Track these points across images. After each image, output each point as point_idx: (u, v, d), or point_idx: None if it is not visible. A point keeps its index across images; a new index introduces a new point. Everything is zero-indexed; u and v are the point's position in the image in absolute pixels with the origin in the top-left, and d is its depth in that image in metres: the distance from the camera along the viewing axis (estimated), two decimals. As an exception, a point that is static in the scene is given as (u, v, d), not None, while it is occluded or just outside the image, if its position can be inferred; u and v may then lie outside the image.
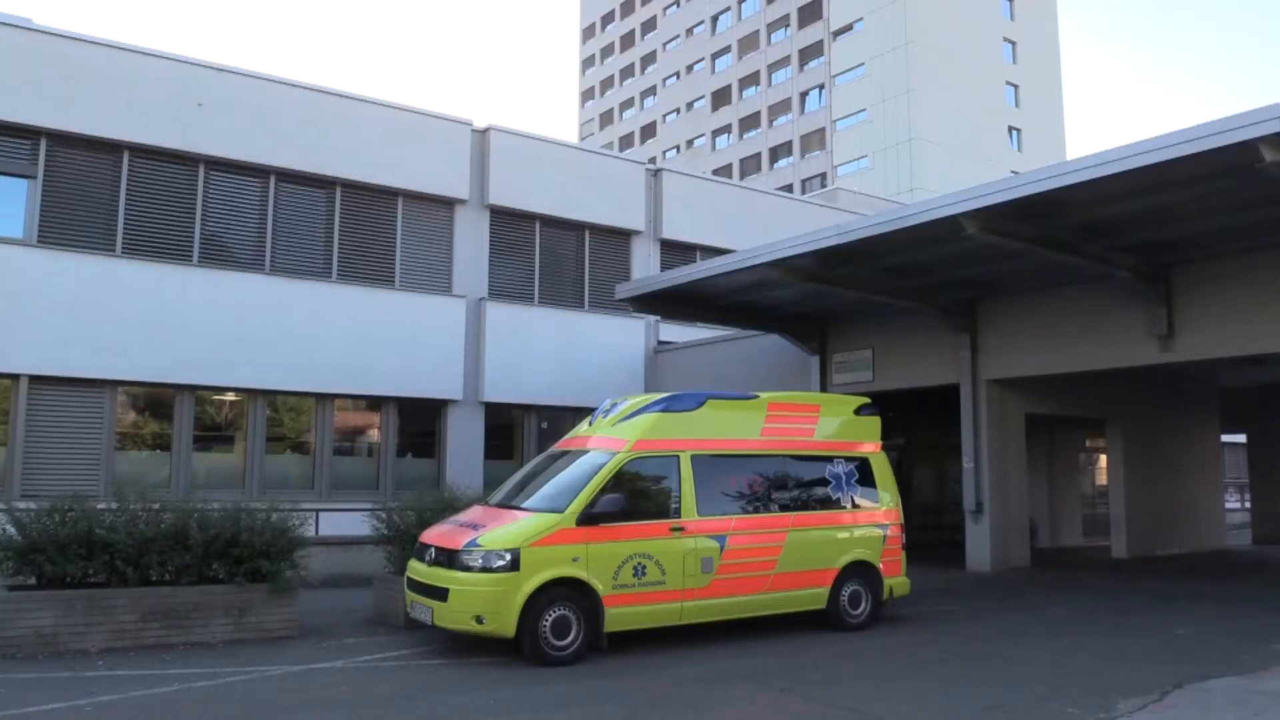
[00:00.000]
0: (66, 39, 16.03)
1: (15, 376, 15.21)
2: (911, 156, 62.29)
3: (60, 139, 15.92)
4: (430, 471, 18.89)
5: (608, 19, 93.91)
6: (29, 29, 15.90)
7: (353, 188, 18.56)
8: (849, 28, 68.19)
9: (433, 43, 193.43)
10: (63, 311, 15.45)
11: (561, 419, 19.56)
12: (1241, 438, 28.04)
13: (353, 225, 18.60)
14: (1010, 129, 67.57)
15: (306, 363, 17.45)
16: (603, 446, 10.05)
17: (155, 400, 16.77)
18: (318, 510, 16.13)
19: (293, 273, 17.81)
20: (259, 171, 17.63)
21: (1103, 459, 22.84)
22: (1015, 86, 68.39)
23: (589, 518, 9.15)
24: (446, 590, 8.93)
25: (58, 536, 9.12)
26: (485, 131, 20.14)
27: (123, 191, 16.38)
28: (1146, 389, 19.58)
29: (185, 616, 9.54)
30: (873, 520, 11.24)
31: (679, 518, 9.75)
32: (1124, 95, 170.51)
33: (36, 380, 15.36)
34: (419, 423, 19.25)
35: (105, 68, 16.18)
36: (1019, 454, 17.26)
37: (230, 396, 17.40)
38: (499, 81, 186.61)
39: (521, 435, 20.37)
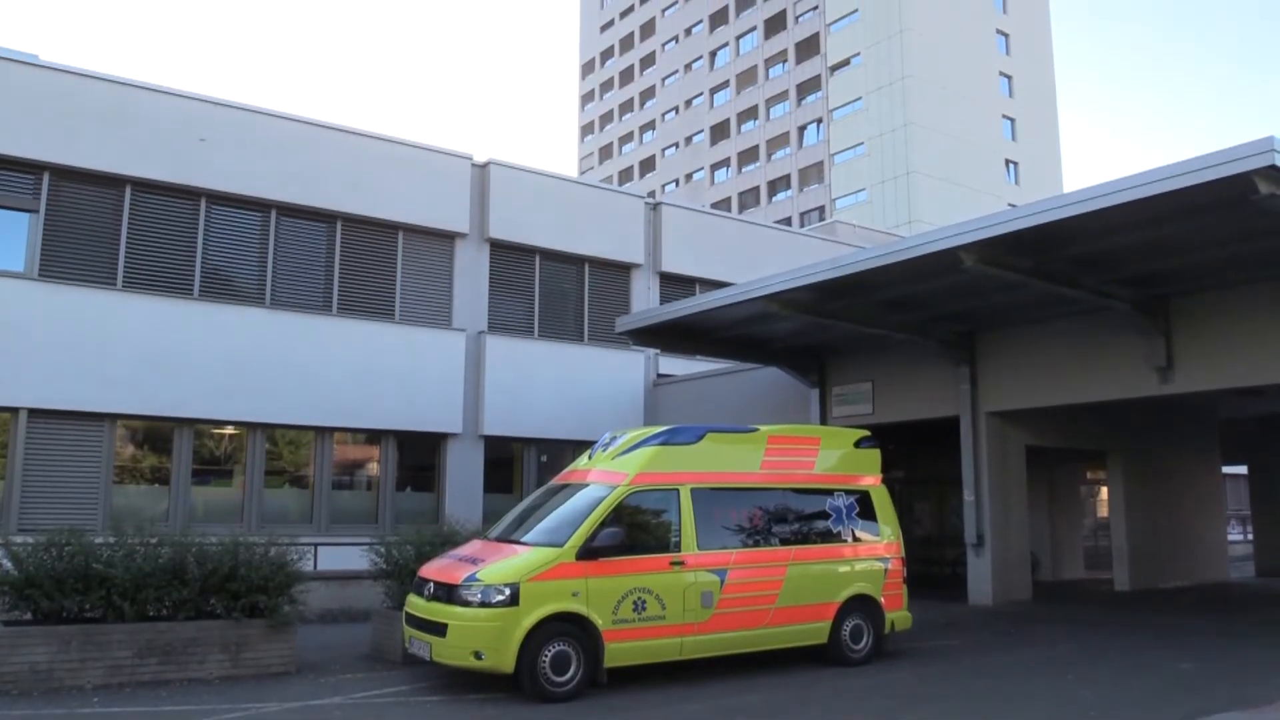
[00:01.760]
0: (71, 75, 16.17)
1: (14, 410, 15.20)
2: (909, 189, 62.62)
3: (63, 173, 16.01)
4: (429, 505, 18.82)
5: (607, 54, 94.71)
6: (35, 65, 16.04)
7: (353, 222, 18.64)
8: (846, 62, 68.77)
9: (434, 79, 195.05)
10: (63, 345, 15.46)
11: (561, 452, 19.52)
12: (1243, 469, 27.98)
13: (353, 259, 18.66)
14: (1007, 162, 67.99)
15: (306, 396, 17.44)
16: (602, 480, 10.02)
17: (154, 434, 16.75)
18: (316, 544, 16.04)
19: (293, 306, 17.85)
20: (260, 205, 17.71)
21: (1104, 491, 22.77)
22: (1012, 120, 68.89)
23: (589, 552, 9.11)
24: (445, 625, 8.87)
25: (54, 571, 9.08)
26: (485, 166, 20.25)
27: (124, 225, 16.45)
28: (1147, 421, 19.55)
29: (182, 652, 9.47)
30: (874, 553, 11.19)
31: (679, 552, 9.71)
32: (1119, 128, 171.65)
33: (35, 413, 15.34)
34: (418, 456, 19.21)
35: (109, 103, 16.30)
36: (1020, 486, 17.21)
37: (229, 430, 17.38)
38: (499, 117, 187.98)
39: (521, 469, 20.32)
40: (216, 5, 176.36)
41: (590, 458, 10.82)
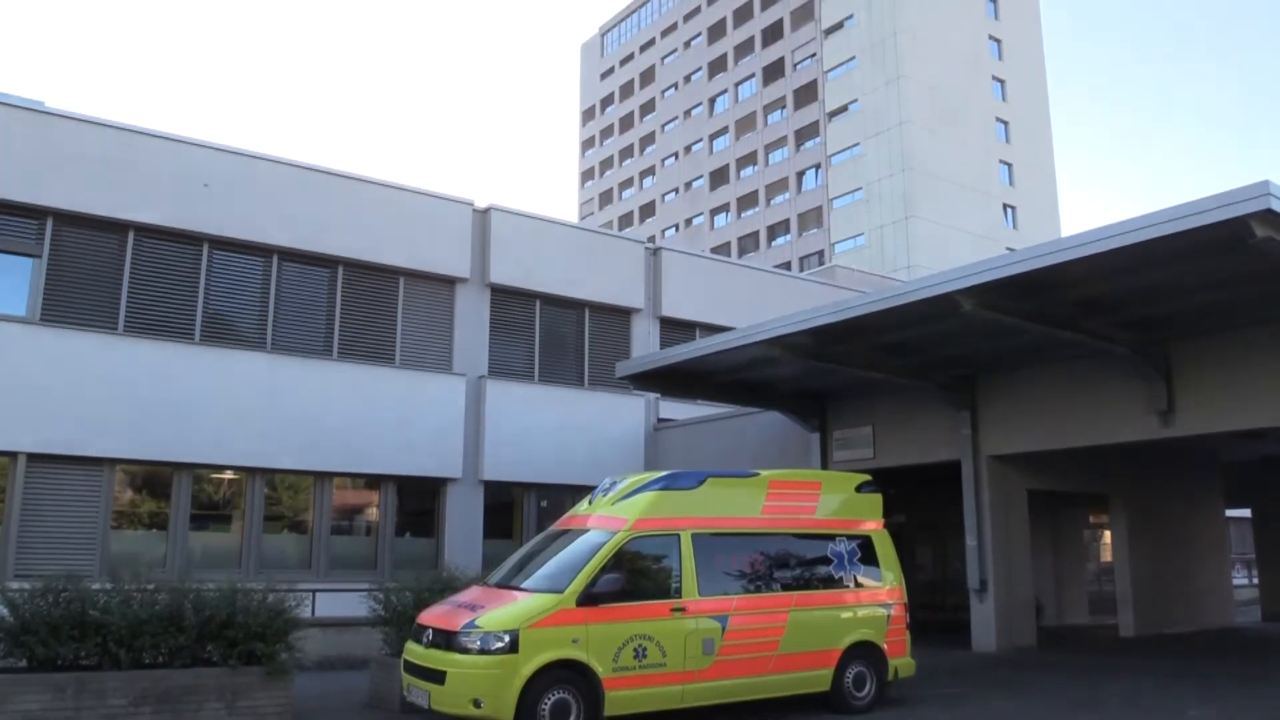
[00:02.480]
0: (75, 121, 16.32)
1: (13, 454, 15.16)
2: (907, 234, 62.96)
3: (66, 218, 16.11)
4: (429, 551, 18.71)
5: (607, 101, 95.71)
6: (40, 111, 16.21)
7: (354, 267, 18.72)
8: (844, 109, 69.46)
9: (436, 125, 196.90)
10: (63, 389, 15.46)
11: (561, 497, 19.44)
12: (1246, 512, 27.83)
13: (354, 304, 18.72)
14: (1005, 206, 68.42)
15: (306, 441, 17.41)
16: (602, 526, 9.98)
17: (153, 478, 16.70)
18: (314, 590, 15.92)
19: (294, 351, 17.88)
20: (262, 251, 17.80)
21: (1107, 535, 22.64)
22: (1009, 165, 69.43)
23: (589, 598, 9.04)
24: (444, 673, 8.78)
25: (50, 617, 8.99)
26: (486, 211, 20.38)
27: (126, 270, 16.52)
28: (1149, 464, 19.50)
29: (178, 700, 9.35)
30: (876, 599, 11.10)
31: (680, 598, 9.64)
32: (1115, 172, 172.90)
33: (34, 458, 15.30)
34: (418, 501, 19.14)
35: (112, 149, 16.44)
36: (1022, 531, 17.11)
37: (228, 475, 17.33)
38: (501, 162, 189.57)
39: (521, 514, 20.23)
40: (220, 53, 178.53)
41: (590, 503, 10.78)
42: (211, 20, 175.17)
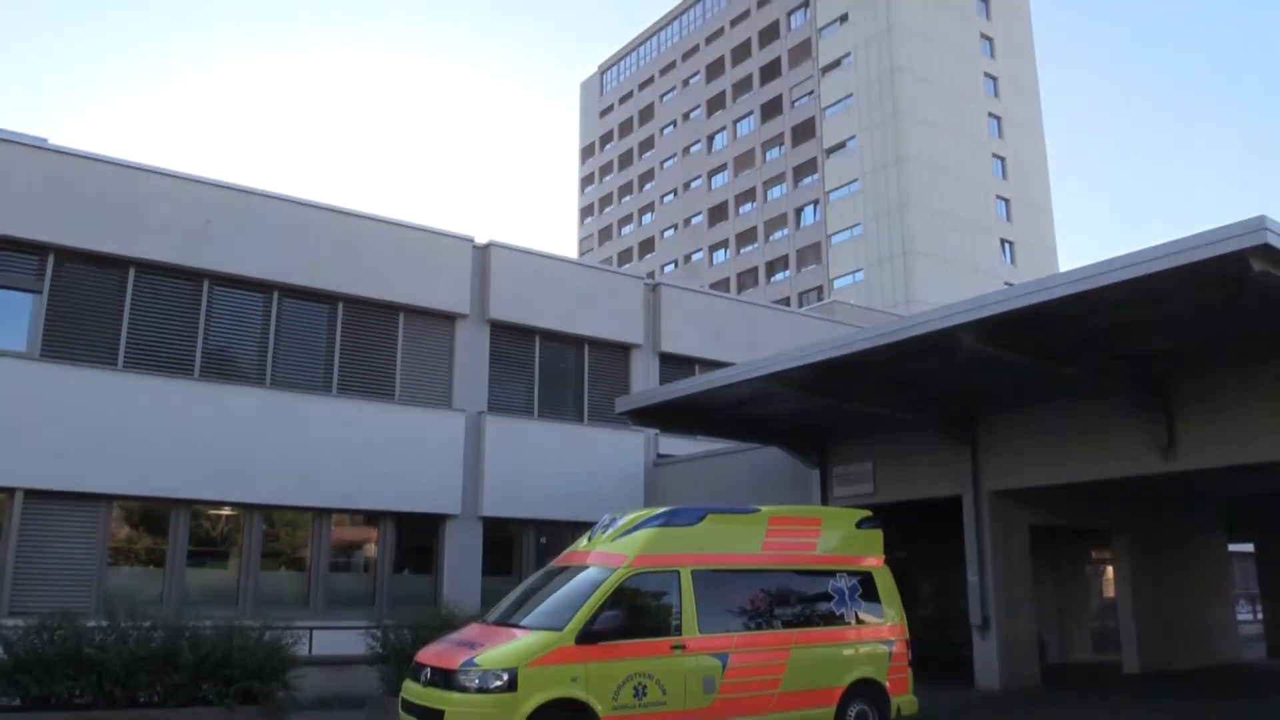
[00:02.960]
0: (78, 158, 16.43)
1: (11, 490, 15.09)
2: (906, 269, 63.18)
3: (68, 254, 16.16)
4: (427, 588, 18.59)
5: (607, 139, 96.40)
6: (43, 149, 16.31)
7: (355, 303, 18.76)
8: (842, 145, 69.93)
9: (436, 162, 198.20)
10: (62, 425, 15.43)
11: (561, 534, 19.34)
12: (1249, 547, 27.68)
13: (354, 340, 18.73)
14: (1003, 241, 68.70)
15: (304, 477, 17.35)
16: (602, 562, 9.93)
17: (151, 514, 16.62)
18: (311, 628, 15.81)
19: (293, 387, 17.86)
20: (262, 287, 17.84)
21: (1110, 571, 22.51)
22: (1006, 201, 69.81)
23: (588, 636, 8.98)
24: (442, 712, 8.69)
25: (45, 655, 8.93)
26: (486, 247, 20.45)
27: (127, 306, 16.55)
28: (1151, 499, 19.42)
29: (173, 740, 9.26)
30: (878, 636, 11.02)
31: (680, 635, 9.58)
32: (1112, 208, 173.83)
33: (32, 494, 15.22)
34: (417, 538, 19.04)
35: (115, 186, 16.53)
36: (1024, 566, 17.01)
37: (226, 511, 17.25)
38: (500, 199, 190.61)
39: (520, 550, 20.12)
40: (223, 91, 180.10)
41: (590, 539, 10.73)
42: (215, 58, 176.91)
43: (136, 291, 16.69)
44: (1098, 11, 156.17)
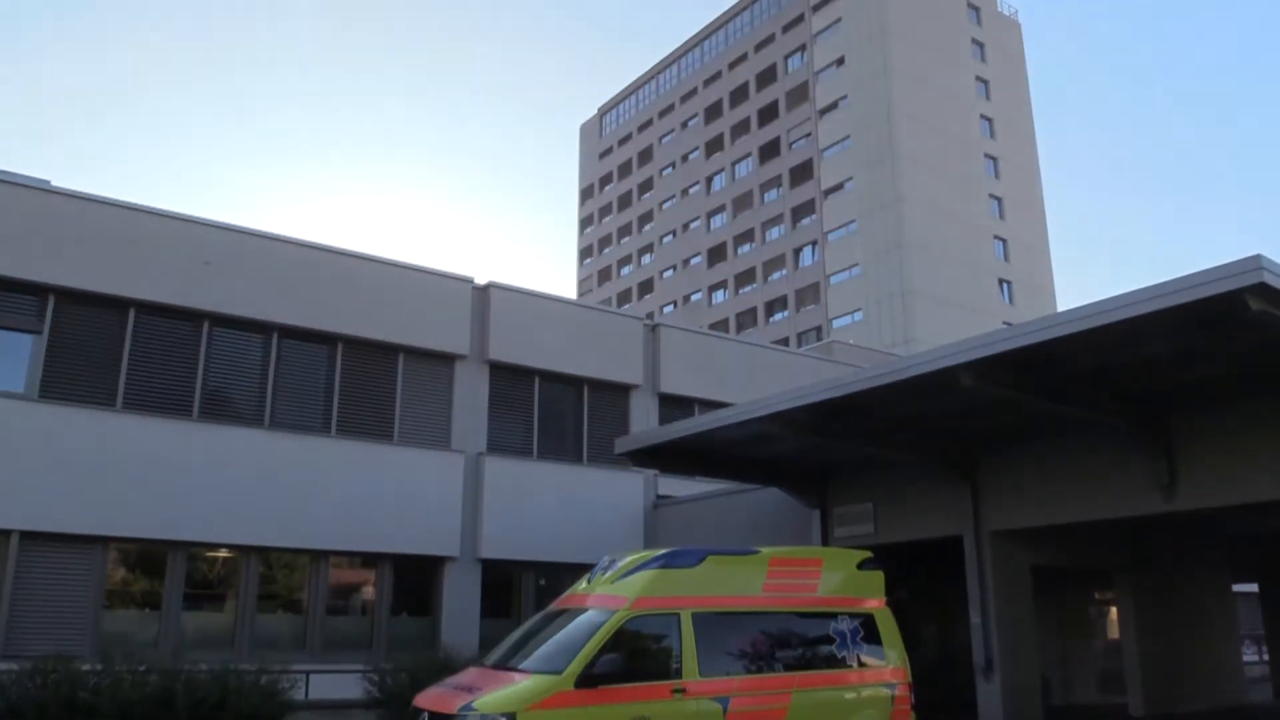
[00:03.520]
0: (79, 199, 16.51)
1: (7, 533, 15.00)
2: (905, 309, 63.37)
3: (68, 295, 16.19)
4: (426, 630, 18.43)
5: (606, 180, 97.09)
6: (45, 190, 16.40)
7: (354, 344, 18.77)
8: (839, 186, 70.43)
9: (436, 204, 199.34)
10: (60, 466, 15.38)
11: (560, 576, 19.21)
12: (1253, 587, 27.49)
13: (353, 380, 18.72)
14: (1001, 281, 68.98)
15: (302, 519, 17.26)
16: (602, 605, 9.86)
17: (147, 557, 16.50)
18: (308, 672, 15.63)
19: (292, 428, 17.82)
20: (262, 328, 17.86)
21: (1114, 611, 22.34)
22: (1004, 241, 70.19)
23: (588, 679, 8.89)
24: (439, 757, 8.59)
25: (39, 700, 8.85)
26: (486, 288, 20.51)
27: (126, 347, 16.55)
28: (1154, 539, 19.31)
29: (166, 787, 9.14)
30: (880, 679, 10.92)
31: (680, 678, 9.48)
32: (1109, 246, 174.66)
33: (28, 536, 15.13)
34: (415, 580, 18.89)
35: (116, 227, 16.61)
36: (1028, 607, 16.87)
37: (223, 553, 17.14)
38: (500, 240, 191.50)
39: (520, 593, 19.97)
40: (223, 133, 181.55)
41: (589, 581, 10.67)
42: (215, 101, 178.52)
43: (136, 332, 16.71)
44: (1092, 52, 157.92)
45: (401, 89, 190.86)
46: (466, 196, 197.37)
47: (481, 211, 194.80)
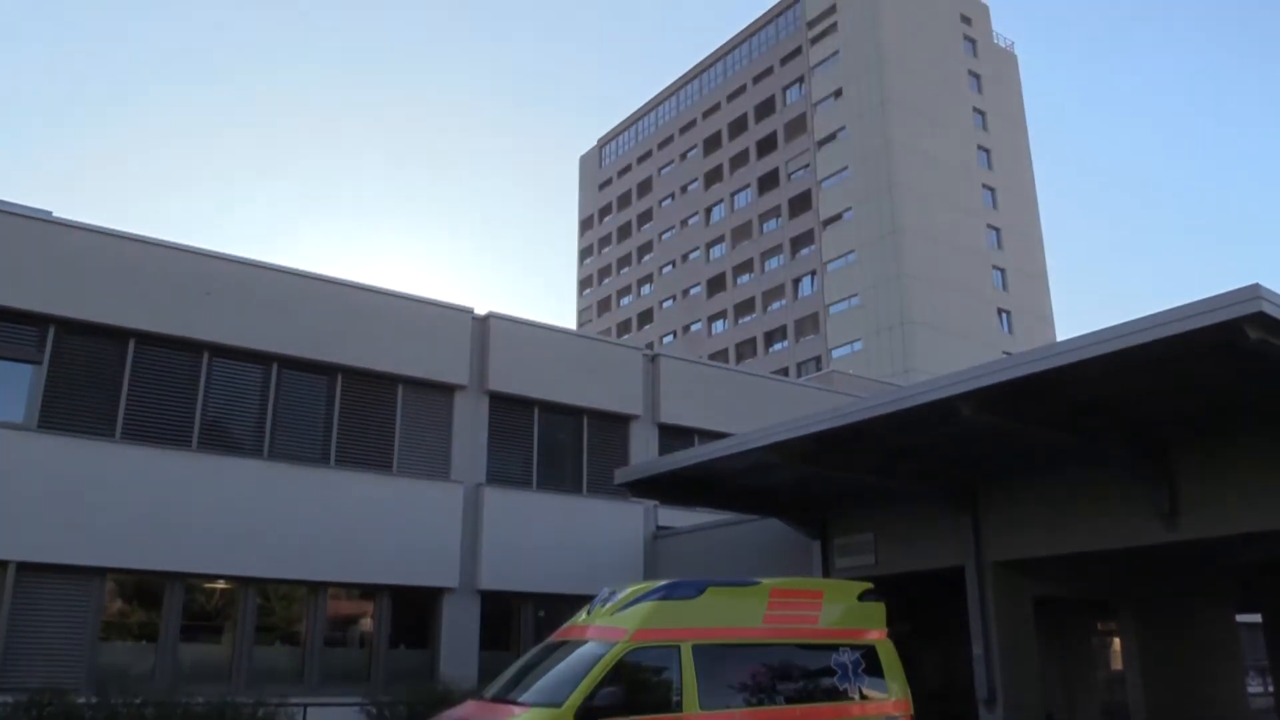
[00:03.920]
0: (80, 230, 16.56)
1: (4, 564, 14.91)
2: (904, 339, 63.48)
3: (69, 326, 16.20)
4: (424, 663, 18.29)
5: (605, 211, 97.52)
6: (46, 221, 16.46)
7: (353, 374, 18.76)
8: (838, 217, 70.75)
9: (436, 235, 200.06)
10: (58, 497, 15.32)
11: (560, 607, 19.08)
12: (1257, 618, 27.31)
13: (352, 411, 18.70)
14: (1000, 311, 69.13)
15: (301, 550, 17.19)
16: (601, 637, 9.80)
17: (144, 588, 16.40)
18: (306, 705, 15.52)
19: (291, 458, 17.78)
20: (261, 358, 17.87)
21: (1117, 642, 22.21)
22: (1002, 270, 70.42)
23: (587, 712, 8.83)
24: (437, 791, 8.51)
25: (33, 736, 8.76)
26: (485, 319, 20.54)
27: (126, 377, 16.55)
28: (1157, 569, 19.21)
29: (161, 823, 9.04)
30: (882, 712, 10.83)
31: (681, 711, 9.41)
32: (1107, 274, 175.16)
33: (24, 567, 15.04)
34: (413, 612, 18.78)
35: (117, 257, 16.65)
36: (1030, 638, 16.76)
37: (221, 584, 17.05)
38: (500, 271, 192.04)
39: (519, 624, 19.85)
40: (224, 162, 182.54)
41: (589, 613, 10.61)
42: (216, 129, 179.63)
43: (136, 362, 16.71)
44: (1087, 82, 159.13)
45: (402, 119, 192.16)
46: (467, 227, 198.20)
47: (482, 242, 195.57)
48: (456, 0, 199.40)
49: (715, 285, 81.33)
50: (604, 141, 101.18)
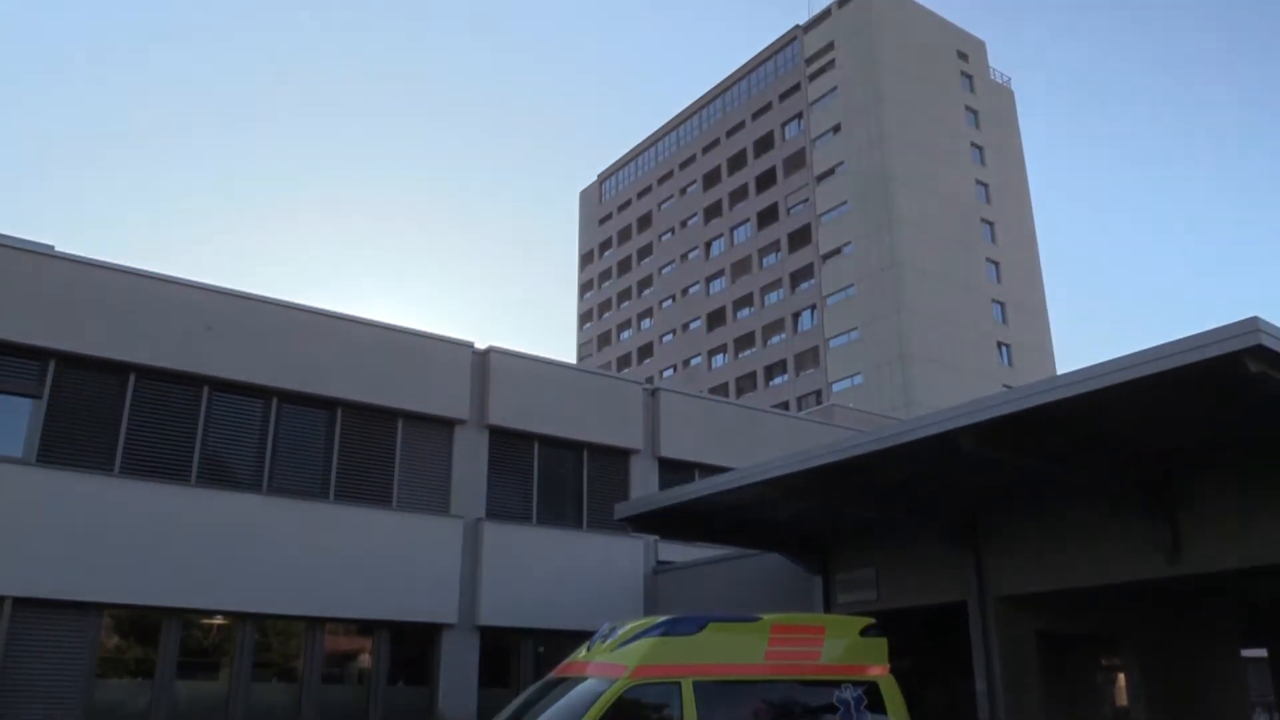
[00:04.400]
0: (81, 264, 16.59)
1: (1, 599, 14.83)
2: (904, 373, 63.50)
3: (69, 360, 16.21)
4: (422, 700, 18.14)
5: (605, 245, 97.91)
6: (48, 255, 16.51)
7: (353, 408, 18.74)
8: (837, 251, 71.03)
9: (436, 269, 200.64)
10: (56, 532, 15.26)
11: (560, 643, 18.94)
12: (1262, 652, 27.09)
13: (352, 446, 18.67)
14: (999, 344, 69.22)
15: (299, 585, 17.09)
16: (601, 673, 9.71)
17: (141, 623, 16.28)
18: (303, 743, 15.38)
19: (290, 493, 17.73)
20: (261, 393, 17.86)
21: (1121, 677, 22.02)
22: (1002, 304, 70.59)
23: (587, 750, 8.72)
24: (435, 831, 8.41)
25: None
26: (485, 353, 20.55)
27: (126, 411, 16.54)
28: (1160, 603, 19.09)
29: None
30: (885, 749, 10.71)
31: (681, 749, 9.30)
32: (1106, 307, 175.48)
33: (21, 602, 14.95)
34: (412, 648, 18.64)
35: (117, 292, 16.69)
36: (1034, 674, 16.62)
37: (218, 620, 16.94)
38: (500, 306, 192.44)
39: (518, 661, 19.69)
40: (224, 198, 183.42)
41: (589, 649, 10.53)
42: (217, 166, 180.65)
43: (136, 396, 16.70)
44: (1086, 115, 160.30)
45: (402, 153, 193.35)
46: (467, 262, 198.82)
47: (482, 277, 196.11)
48: (457, 35, 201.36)
49: (715, 319, 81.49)
50: (604, 176, 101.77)
